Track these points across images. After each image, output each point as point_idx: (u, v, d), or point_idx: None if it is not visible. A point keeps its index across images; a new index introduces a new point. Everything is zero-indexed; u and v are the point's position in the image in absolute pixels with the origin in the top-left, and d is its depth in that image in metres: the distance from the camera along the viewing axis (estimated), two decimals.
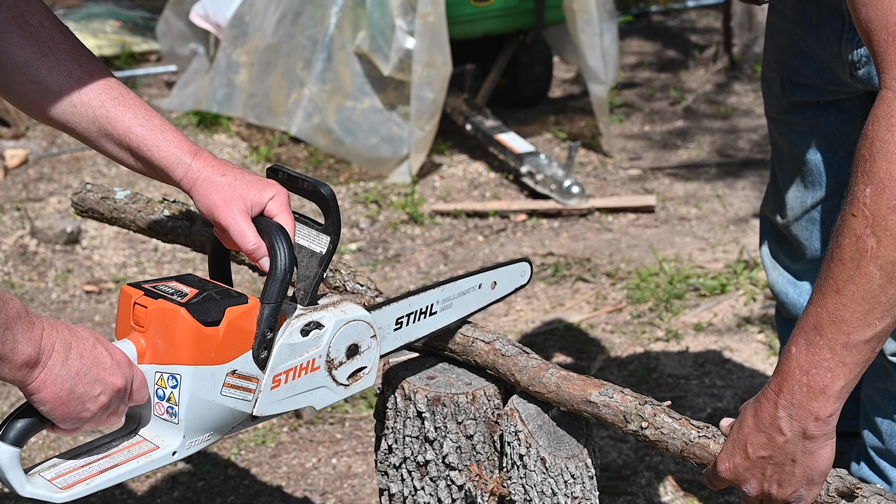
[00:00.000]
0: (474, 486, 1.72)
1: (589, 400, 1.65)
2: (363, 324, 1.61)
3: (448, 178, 4.94)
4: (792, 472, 1.48)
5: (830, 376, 1.42)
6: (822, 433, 1.45)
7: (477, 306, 1.81)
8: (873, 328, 1.40)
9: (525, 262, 1.91)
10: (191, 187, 1.57)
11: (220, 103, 5.34)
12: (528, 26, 5.30)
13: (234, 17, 5.28)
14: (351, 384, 1.61)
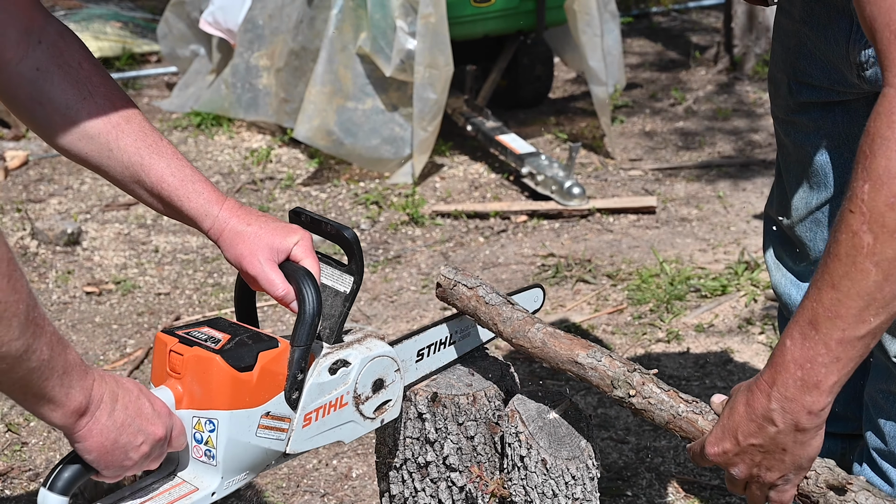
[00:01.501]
0: (475, 488, 1.72)
1: (575, 360, 1.64)
2: (388, 359, 1.66)
3: (449, 179, 4.94)
4: (782, 460, 1.50)
5: (825, 371, 1.43)
6: (814, 425, 1.47)
7: (492, 333, 1.83)
8: (868, 324, 1.41)
9: (538, 287, 1.95)
10: (218, 238, 1.64)
11: (246, 108, 5.34)
12: (528, 27, 5.30)
13: (246, 21, 5.28)
14: (377, 417, 1.66)
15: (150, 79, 6.38)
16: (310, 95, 4.85)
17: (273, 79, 5.25)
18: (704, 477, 2.94)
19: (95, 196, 4.85)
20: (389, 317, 3.80)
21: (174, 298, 4.00)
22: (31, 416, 3.30)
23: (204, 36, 5.70)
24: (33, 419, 3.28)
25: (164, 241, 4.42)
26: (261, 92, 5.31)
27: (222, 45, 5.57)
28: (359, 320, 3.79)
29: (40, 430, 3.24)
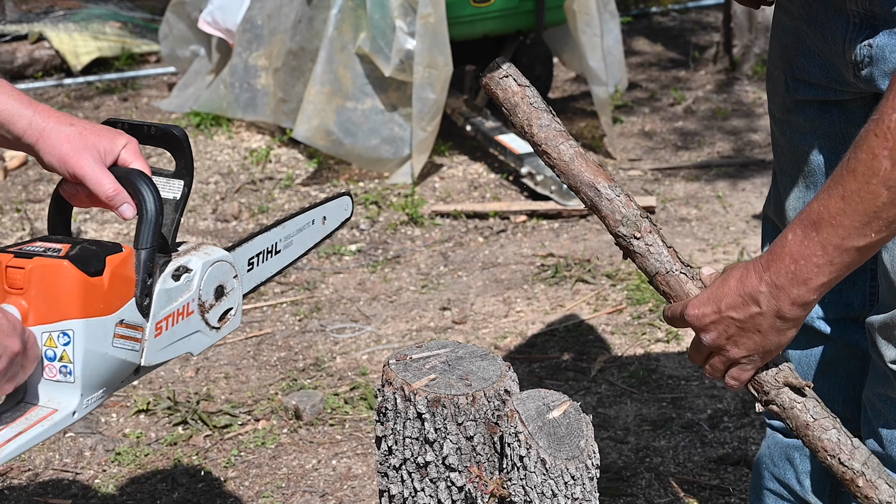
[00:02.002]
0: (474, 488, 1.72)
1: (595, 186, 1.65)
2: (227, 264, 1.63)
3: (448, 179, 4.94)
4: (753, 339, 1.57)
5: (816, 271, 1.50)
6: (794, 317, 1.54)
7: (313, 241, 1.87)
8: (868, 238, 1.47)
9: (347, 195, 1.97)
10: (36, 140, 1.52)
11: (244, 108, 5.34)
12: (528, 27, 5.30)
13: (245, 20, 5.28)
14: (221, 326, 1.63)
15: (149, 79, 6.38)
16: (309, 95, 4.85)
17: (271, 79, 5.25)
18: (704, 477, 2.94)
19: None
20: (389, 317, 3.80)
21: None
22: None
23: (204, 36, 5.70)
24: None
25: None
26: (259, 92, 5.31)
27: (221, 45, 5.57)
28: (358, 320, 3.79)
29: None
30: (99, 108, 5.95)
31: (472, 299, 3.90)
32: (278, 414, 3.26)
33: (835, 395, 2.15)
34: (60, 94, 6.16)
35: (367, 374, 3.45)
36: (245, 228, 4.56)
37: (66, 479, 3.03)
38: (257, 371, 3.51)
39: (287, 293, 4.01)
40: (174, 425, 3.23)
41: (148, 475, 3.02)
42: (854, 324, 2.12)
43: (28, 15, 6.77)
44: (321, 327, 3.75)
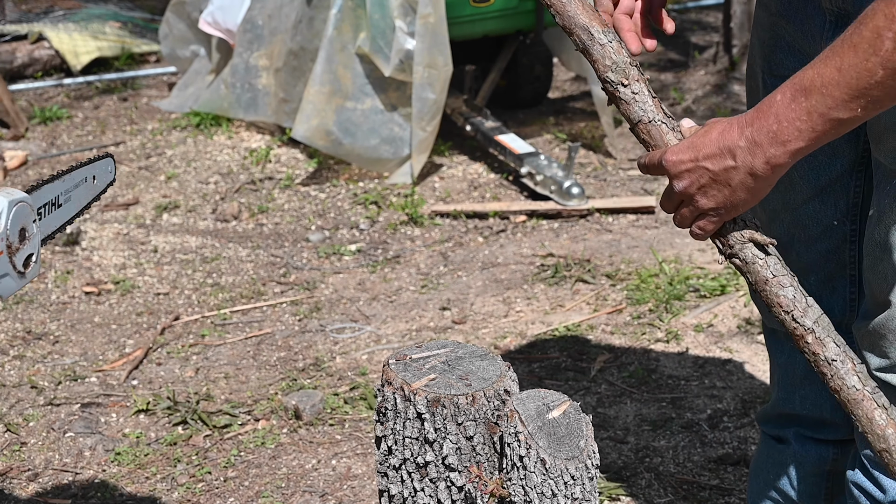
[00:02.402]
0: (474, 488, 1.72)
1: (589, 30, 1.67)
2: (27, 206, 1.66)
3: (448, 179, 4.94)
4: (722, 192, 1.61)
5: (797, 135, 1.54)
6: (766, 176, 1.58)
7: (86, 200, 1.91)
8: (853, 112, 1.51)
9: (110, 157, 2.03)
10: None
11: (245, 108, 5.35)
12: (527, 27, 5.30)
13: (246, 20, 5.28)
14: (26, 272, 1.65)
15: (149, 79, 6.38)
16: (308, 95, 4.85)
17: (272, 79, 5.25)
18: (704, 477, 2.94)
19: None
20: (388, 317, 3.80)
21: (173, 298, 4.00)
22: (31, 416, 3.30)
23: (204, 36, 5.70)
24: (33, 419, 3.29)
25: (163, 241, 4.42)
26: (260, 92, 5.31)
27: (222, 45, 5.57)
28: (358, 320, 3.79)
29: (39, 431, 3.24)
30: (99, 108, 5.95)
31: (471, 299, 3.90)
32: (278, 414, 3.26)
33: (823, 402, 2.15)
34: (60, 93, 6.16)
35: (367, 374, 3.45)
36: (245, 228, 4.56)
37: (66, 478, 3.03)
38: (257, 371, 3.51)
39: (287, 293, 4.01)
40: (174, 425, 3.23)
41: (148, 475, 3.02)
42: (837, 328, 2.11)
43: (28, 15, 6.77)
44: (321, 327, 3.75)
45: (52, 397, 3.39)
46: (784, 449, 2.21)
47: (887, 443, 1.59)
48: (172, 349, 3.66)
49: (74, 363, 3.59)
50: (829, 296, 2.07)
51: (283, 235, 4.49)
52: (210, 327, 3.79)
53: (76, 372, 3.53)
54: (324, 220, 4.62)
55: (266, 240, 4.45)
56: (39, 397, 3.40)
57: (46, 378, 3.51)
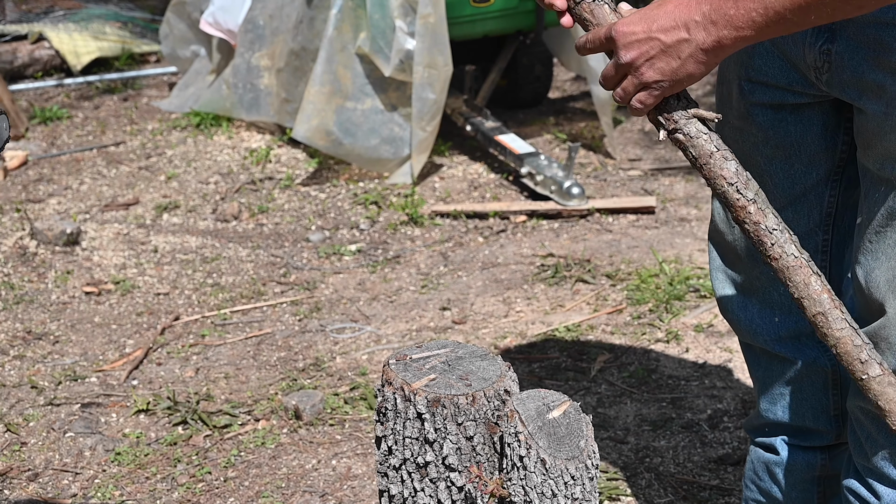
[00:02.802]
0: (474, 488, 1.72)
1: None
2: None
3: (448, 180, 4.94)
4: (670, 65, 1.64)
5: (749, 25, 1.59)
6: (713, 54, 1.63)
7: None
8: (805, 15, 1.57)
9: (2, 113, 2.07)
10: None
11: (247, 108, 5.35)
12: (528, 27, 5.30)
13: (247, 21, 5.28)
14: None
15: (149, 79, 6.38)
16: (309, 95, 4.86)
17: (274, 79, 5.25)
18: (704, 477, 2.94)
19: (94, 196, 4.86)
20: (388, 317, 3.80)
21: (173, 298, 4.00)
22: (31, 416, 3.30)
23: (204, 36, 5.70)
24: (33, 419, 3.29)
25: (164, 241, 4.42)
26: (262, 92, 5.31)
27: (222, 45, 5.57)
28: (358, 320, 3.79)
29: (39, 431, 3.24)
30: (99, 108, 5.95)
31: (471, 299, 3.90)
32: (278, 414, 3.26)
33: (804, 411, 2.15)
34: (61, 93, 6.16)
35: (367, 374, 3.45)
36: (245, 228, 4.56)
37: (66, 478, 3.03)
38: (257, 371, 3.51)
39: (287, 293, 4.01)
40: (174, 425, 3.23)
41: (148, 475, 3.02)
42: (809, 340, 2.10)
43: (28, 15, 6.77)
44: (321, 327, 3.75)
45: (52, 397, 3.39)
46: (772, 458, 2.21)
47: (822, 307, 1.64)
48: (172, 349, 3.66)
49: (74, 363, 3.59)
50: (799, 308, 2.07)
51: (283, 235, 4.49)
52: (210, 327, 3.79)
53: (76, 372, 3.53)
54: (324, 220, 4.62)
55: (266, 240, 4.45)
56: (39, 397, 3.40)
57: (46, 378, 3.51)
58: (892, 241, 1.79)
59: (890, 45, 1.71)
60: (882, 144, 1.76)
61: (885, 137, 1.75)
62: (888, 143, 1.75)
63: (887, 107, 1.74)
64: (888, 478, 1.95)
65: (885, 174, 1.77)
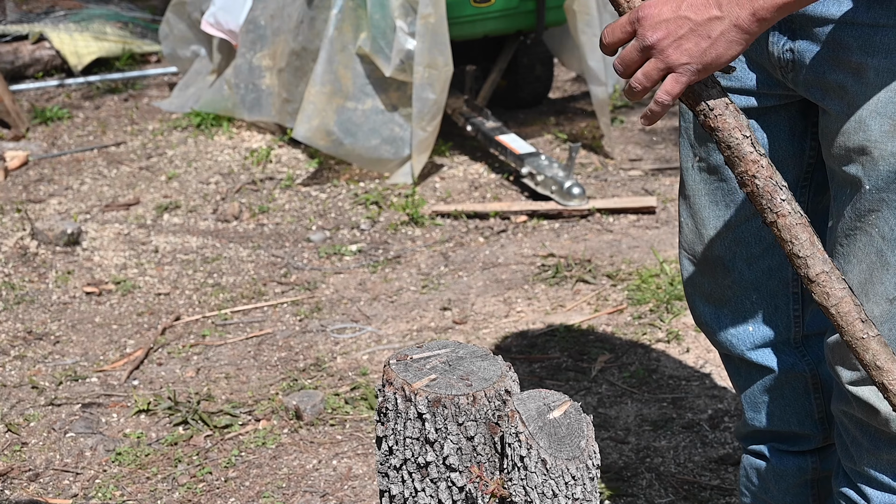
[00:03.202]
0: (475, 488, 1.72)
1: None
2: None
3: (448, 180, 4.94)
4: (699, 45, 1.55)
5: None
6: (749, 31, 1.54)
7: None
8: None
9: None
10: None
11: (249, 108, 5.35)
12: (528, 27, 5.30)
13: (248, 21, 5.28)
14: None
15: (150, 79, 6.38)
16: (309, 96, 4.86)
17: (275, 79, 5.26)
18: (705, 477, 2.94)
19: (95, 196, 4.86)
20: (389, 317, 3.80)
21: (174, 298, 4.00)
22: (31, 416, 3.30)
23: (205, 36, 5.70)
24: (33, 419, 3.29)
25: (164, 242, 4.43)
26: (264, 92, 5.31)
27: (223, 45, 5.57)
28: (358, 321, 3.79)
29: (40, 431, 3.24)
30: (100, 108, 5.95)
31: (472, 299, 3.90)
32: (279, 414, 3.26)
33: (788, 417, 2.15)
34: (61, 94, 6.17)
35: (368, 374, 3.45)
36: (246, 229, 4.56)
37: (67, 479, 3.04)
38: (258, 371, 3.51)
39: (288, 293, 4.01)
40: (175, 425, 3.23)
41: (148, 475, 3.02)
42: (785, 346, 2.10)
43: (29, 15, 6.77)
44: (322, 327, 3.75)
45: (52, 397, 3.39)
46: (763, 465, 2.21)
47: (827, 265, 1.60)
48: (173, 349, 3.66)
49: (75, 363, 3.59)
50: (773, 314, 2.06)
51: (283, 235, 4.49)
52: (211, 327, 3.79)
53: (77, 372, 3.53)
54: (324, 220, 4.62)
55: (267, 240, 4.45)
56: (40, 397, 3.40)
57: (47, 378, 3.51)
58: (863, 244, 1.78)
59: (849, 44, 1.69)
60: (845, 145, 1.74)
61: (847, 137, 1.73)
62: (850, 144, 1.73)
63: (849, 107, 1.72)
64: (876, 480, 1.95)
65: (849, 175, 1.76)
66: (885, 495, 1.95)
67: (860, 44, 1.68)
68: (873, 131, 1.70)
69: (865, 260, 1.78)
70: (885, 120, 1.69)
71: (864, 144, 1.72)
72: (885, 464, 1.93)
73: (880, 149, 1.71)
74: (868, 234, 1.77)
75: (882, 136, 1.70)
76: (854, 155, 1.74)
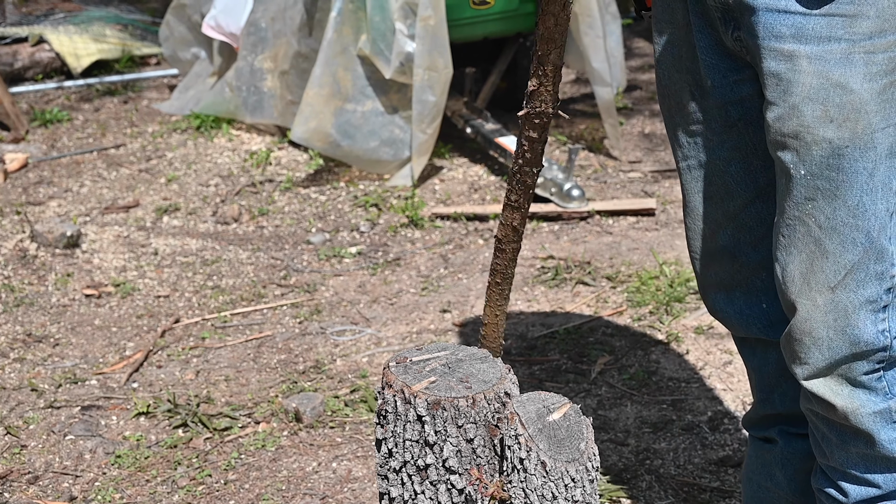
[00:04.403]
0: (475, 490, 1.72)
1: None
2: None
3: (448, 182, 4.94)
4: None
5: None
6: None
7: None
8: None
9: None
10: None
11: (252, 111, 5.35)
12: (528, 29, 5.30)
13: (249, 24, 5.28)
14: None
15: (150, 81, 6.38)
16: (307, 97, 4.86)
17: (277, 81, 5.25)
18: (704, 479, 2.94)
19: (95, 198, 4.86)
20: (389, 319, 3.80)
21: (173, 301, 4.00)
22: (31, 419, 3.30)
23: (205, 39, 5.70)
24: (33, 422, 3.29)
25: (164, 244, 4.42)
26: (266, 94, 5.31)
27: (223, 47, 5.57)
28: (358, 322, 3.79)
29: (39, 433, 3.24)
30: (99, 111, 5.95)
31: (472, 301, 3.90)
32: (278, 416, 3.26)
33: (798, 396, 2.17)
34: (61, 96, 6.17)
35: (368, 376, 3.45)
36: (245, 231, 4.56)
37: (66, 481, 3.03)
38: (257, 373, 3.51)
39: (287, 295, 4.01)
40: (174, 428, 3.23)
41: (148, 478, 3.02)
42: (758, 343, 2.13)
43: (28, 17, 6.77)
44: (321, 330, 3.75)
45: (52, 400, 3.39)
46: (772, 448, 2.22)
47: None
48: (173, 352, 3.66)
49: (75, 366, 3.59)
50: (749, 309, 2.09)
51: (283, 238, 4.49)
52: (210, 330, 3.79)
53: (76, 374, 3.53)
54: (324, 222, 4.62)
55: (266, 242, 4.45)
56: (39, 400, 3.40)
57: (46, 381, 3.51)
58: (801, 234, 1.81)
59: (782, 32, 1.72)
60: (780, 130, 1.77)
61: (783, 124, 1.77)
62: (785, 129, 1.77)
63: (784, 94, 1.75)
64: (850, 475, 1.97)
65: (785, 164, 1.79)
66: (862, 488, 1.96)
67: (792, 32, 1.71)
68: (806, 117, 1.74)
69: (805, 250, 1.81)
70: (816, 106, 1.72)
71: (797, 130, 1.75)
72: (855, 457, 1.94)
73: (813, 134, 1.74)
74: (806, 225, 1.80)
75: (814, 121, 1.73)
76: (789, 140, 1.77)
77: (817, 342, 1.84)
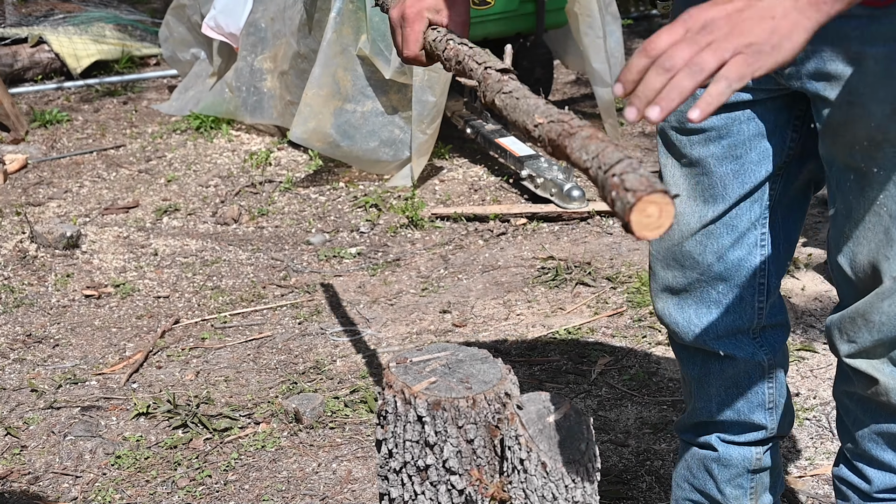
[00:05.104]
0: (475, 491, 1.72)
1: None
2: None
3: (448, 182, 4.94)
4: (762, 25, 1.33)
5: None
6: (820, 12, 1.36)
7: None
8: None
9: None
10: None
11: (252, 111, 5.34)
12: (528, 30, 5.30)
13: (248, 24, 5.28)
14: None
15: (149, 82, 6.38)
16: (306, 98, 4.85)
17: (277, 81, 5.25)
18: None
19: (94, 199, 4.85)
20: (389, 319, 3.80)
21: (173, 301, 4.00)
22: (31, 419, 3.30)
23: (204, 39, 5.70)
24: (33, 423, 3.28)
25: (164, 244, 4.42)
26: (265, 95, 5.31)
27: (223, 48, 5.57)
28: (358, 323, 3.79)
29: (39, 434, 3.24)
30: (99, 111, 5.95)
31: (472, 302, 3.90)
32: (278, 417, 3.26)
33: (740, 406, 2.21)
34: (61, 96, 6.16)
35: (368, 377, 3.45)
36: (245, 231, 4.56)
37: (66, 482, 3.03)
38: (257, 374, 3.51)
39: (287, 296, 4.01)
40: (174, 428, 3.23)
41: (148, 478, 3.02)
42: (745, 336, 2.14)
43: (28, 18, 6.77)
44: (321, 330, 3.75)
45: (52, 401, 3.39)
46: (710, 454, 2.25)
47: None
48: (172, 352, 3.65)
49: (75, 366, 3.59)
50: (737, 304, 2.10)
51: (283, 238, 4.49)
52: (210, 330, 3.79)
53: (76, 375, 3.53)
54: (324, 222, 4.62)
55: (266, 243, 4.45)
56: (39, 401, 3.40)
57: (46, 381, 3.50)
58: (872, 224, 1.83)
59: (848, 34, 1.73)
60: (850, 133, 1.79)
61: (851, 125, 1.78)
62: (855, 131, 1.78)
63: (850, 95, 1.77)
64: (877, 460, 2.00)
65: (854, 163, 1.81)
66: (887, 475, 2.01)
67: (858, 34, 1.73)
68: (876, 117, 1.75)
69: (874, 239, 1.84)
70: (885, 105, 1.74)
71: (868, 130, 1.77)
72: (886, 442, 1.98)
73: (884, 133, 1.76)
74: (877, 215, 1.82)
75: (885, 119, 1.75)
76: (859, 141, 1.78)
77: (869, 325, 1.88)
